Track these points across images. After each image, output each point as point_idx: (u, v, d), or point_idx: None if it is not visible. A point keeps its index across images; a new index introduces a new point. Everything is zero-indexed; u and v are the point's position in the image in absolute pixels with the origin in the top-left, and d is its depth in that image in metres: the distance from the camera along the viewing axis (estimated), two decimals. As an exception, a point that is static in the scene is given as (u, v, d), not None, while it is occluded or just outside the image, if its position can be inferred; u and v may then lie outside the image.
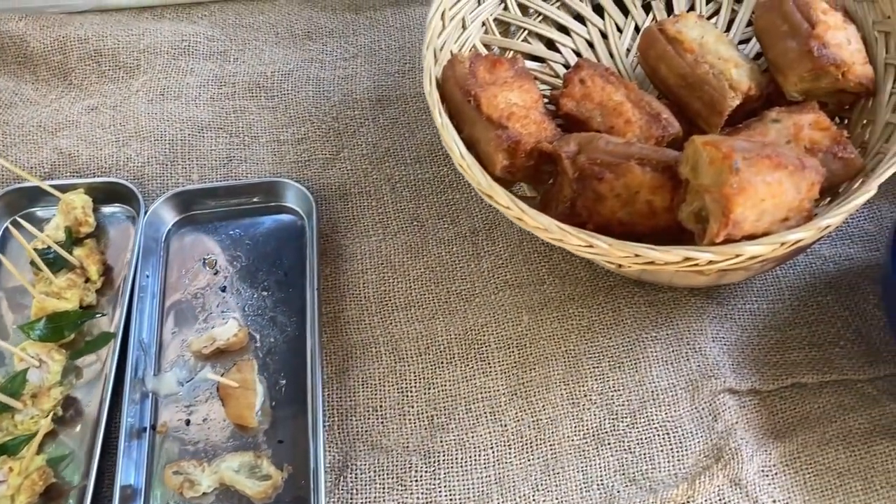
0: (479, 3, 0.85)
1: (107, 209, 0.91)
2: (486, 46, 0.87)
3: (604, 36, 0.89)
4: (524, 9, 0.89)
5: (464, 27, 0.83)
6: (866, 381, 0.79)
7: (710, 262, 0.64)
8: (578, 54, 0.88)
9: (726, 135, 0.74)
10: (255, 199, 0.91)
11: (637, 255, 0.64)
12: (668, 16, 0.87)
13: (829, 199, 0.74)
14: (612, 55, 0.87)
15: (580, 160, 0.69)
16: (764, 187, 0.63)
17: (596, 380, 0.80)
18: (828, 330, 0.82)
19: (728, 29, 0.88)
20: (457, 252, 0.88)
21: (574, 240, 0.65)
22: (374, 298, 0.86)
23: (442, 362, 0.81)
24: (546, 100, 0.80)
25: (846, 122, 0.81)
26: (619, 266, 0.70)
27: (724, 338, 0.82)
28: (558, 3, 0.90)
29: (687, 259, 0.64)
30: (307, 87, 1.00)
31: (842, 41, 0.73)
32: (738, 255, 0.63)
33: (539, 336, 0.82)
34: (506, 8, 0.88)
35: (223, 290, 0.87)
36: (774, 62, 0.76)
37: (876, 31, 0.78)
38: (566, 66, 0.88)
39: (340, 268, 0.88)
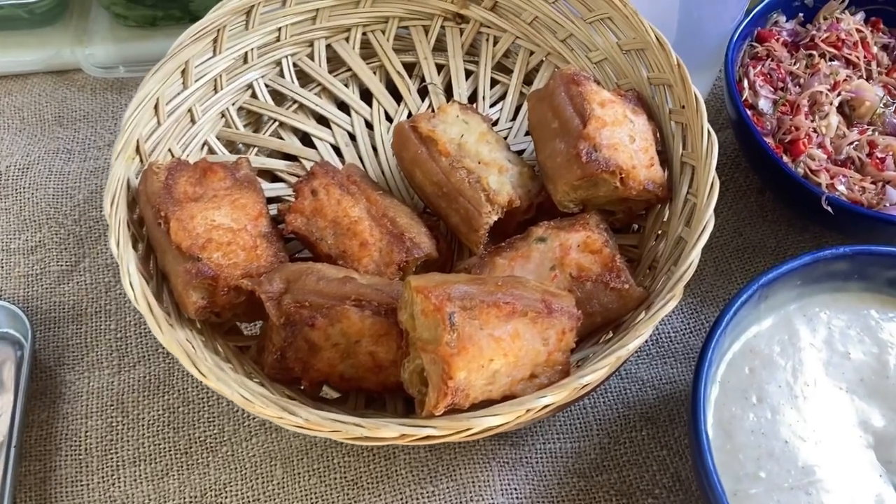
0: (216, 90, 0.70)
1: None
2: (229, 143, 0.72)
3: (369, 127, 0.74)
4: (278, 97, 0.75)
5: (193, 121, 0.69)
6: (682, 541, 0.66)
7: (435, 438, 0.50)
8: (337, 150, 0.73)
9: (488, 254, 0.60)
10: (-32, 325, 0.75)
11: (341, 431, 0.50)
12: (448, 101, 0.72)
13: (610, 333, 0.60)
14: (375, 149, 0.73)
15: (286, 302, 0.54)
16: (492, 344, 0.49)
17: (354, 556, 0.65)
18: (641, 475, 0.69)
19: (515, 117, 0.75)
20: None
21: (264, 410, 0.50)
22: (97, 451, 0.70)
23: (168, 536, 0.66)
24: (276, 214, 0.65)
25: (642, 230, 0.67)
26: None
27: (516, 489, 0.68)
28: (319, 89, 0.76)
29: (404, 435, 0.49)
30: (49, 182, 0.84)
31: (621, 140, 0.60)
32: (467, 429, 0.49)
33: (292, 496, 0.67)
34: (254, 95, 0.73)
35: None
36: (543, 166, 0.62)
37: (672, 122, 0.65)
38: (323, 165, 0.73)
39: (59, 411, 0.71)
